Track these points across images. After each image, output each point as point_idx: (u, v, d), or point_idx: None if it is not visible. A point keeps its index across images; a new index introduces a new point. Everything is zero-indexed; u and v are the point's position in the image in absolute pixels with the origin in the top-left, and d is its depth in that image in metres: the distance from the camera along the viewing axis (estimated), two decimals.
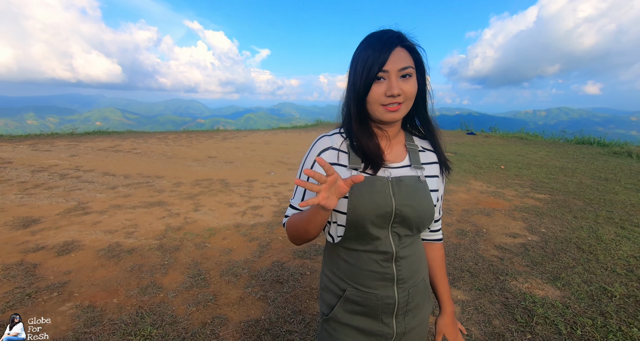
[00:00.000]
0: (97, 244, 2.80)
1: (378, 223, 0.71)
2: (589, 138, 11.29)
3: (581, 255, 2.62)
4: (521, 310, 1.93)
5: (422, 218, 0.72)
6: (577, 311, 1.91)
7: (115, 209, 3.66)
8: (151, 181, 4.92)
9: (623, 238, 2.95)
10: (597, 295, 2.07)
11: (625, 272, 2.35)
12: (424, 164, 0.79)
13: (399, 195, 0.71)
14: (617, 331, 1.72)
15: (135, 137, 9.85)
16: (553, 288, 2.17)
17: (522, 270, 2.42)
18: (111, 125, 73.27)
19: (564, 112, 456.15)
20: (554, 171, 6.17)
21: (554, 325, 1.79)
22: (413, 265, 0.77)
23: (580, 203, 4.05)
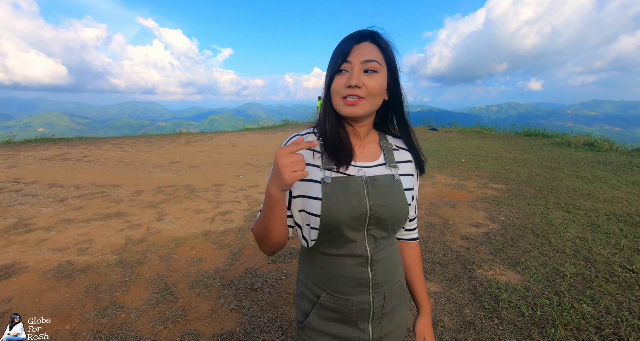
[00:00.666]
0: (44, 265, 2.51)
1: (353, 225, 0.68)
2: (535, 130, 12.36)
3: (536, 240, 2.84)
4: (488, 296, 2.04)
5: (398, 218, 0.71)
6: (536, 293, 2.06)
7: (65, 224, 3.32)
8: (107, 191, 4.54)
9: (569, 221, 3.25)
10: (552, 276, 2.26)
11: (573, 253, 2.58)
12: (399, 162, 0.77)
13: (373, 195, 0.69)
14: (570, 309, 1.88)
15: (87, 143, 9.06)
16: (514, 272, 2.32)
17: (487, 258, 2.57)
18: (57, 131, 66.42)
19: (512, 107, 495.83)
20: (508, 162, 6.65)
21: (517, 308, 1.91)
22: (389, 269, 0.75)
23: (532, 191, 4.40)
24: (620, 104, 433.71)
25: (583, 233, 2.96)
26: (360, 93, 0.66)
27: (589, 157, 6.93)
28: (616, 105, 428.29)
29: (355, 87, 0.65)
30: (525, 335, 1.72)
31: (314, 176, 0.71)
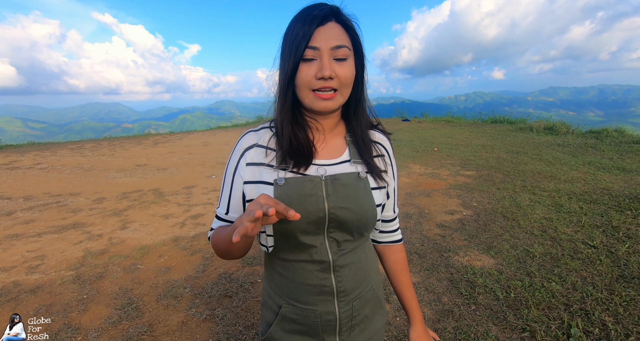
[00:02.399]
0: None
1: (310, 230, 0.61)
2: (500, 117, 12.95)
3: (507, 223, 2.92)
4: (465, 283, 2.06)
5: (363, 221, 0.63)
6: (509, 276, 2.10)
7: (11, 240, 2.99)
8: (63, 200, 4.17)
9: (535, 203, 3.39)
10: (522, 257, 2.32)
11: (541, 233, 2.68)
12: (373, 156, 0.68)
13: (333, 196, 0.61)
14: (541, 288, 1.93)
15: (40, 149, 8.33)
16: (488, 257, 2.37)
17: (462, 244, 2.60)
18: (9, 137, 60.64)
19: (479, 96, 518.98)
20: (478, 149, 6.88)
21: (492, 293, 1.94)
22: (357, 274, 0.67)
23: (500, 176, 4.57)
24: (574, 90, 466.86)
25: (548, 213, 3.09)
26: (333, 85, 0.58)
27: (550, 141, 7.32)
28: (570, 91, 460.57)
29: (329, 78, 0.57)
30: (501, 318, 1.74)
31: (267, 177, 0.62)
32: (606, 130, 7.79)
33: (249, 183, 0.64)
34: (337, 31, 0.58)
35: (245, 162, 0.65)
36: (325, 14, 0.57)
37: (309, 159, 0.63)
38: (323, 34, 0.57)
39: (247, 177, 0.64)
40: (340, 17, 0.59)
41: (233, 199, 0.67)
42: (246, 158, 0.65)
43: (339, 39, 0.57)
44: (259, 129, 0.68)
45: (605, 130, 7.80)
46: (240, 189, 0.66)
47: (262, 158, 0.64)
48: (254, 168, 0.64)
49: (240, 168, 0.65)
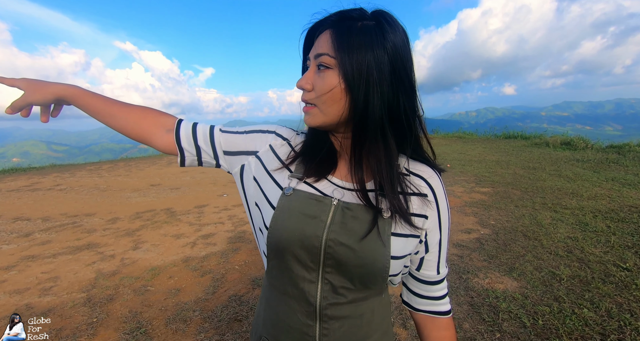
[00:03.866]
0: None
1: (303, 259, 0.51)
2: (514, 132, 12.76)
3: (528, 243, 2.78)
4: (487, 307, 1.93)
5: (367, 269, 0.50)
6: (535, 300, 1.96)
7: (27, 261, 3.03)
8: (78, 221, 4.25)
9: (558, 221, 3.23)
10: (548, 280, 2.18)
11: (567, 254, 2.53)
12: (404, 193, 0.53)
13: (338, 227, 0.50)
14: (572, 315, 1.79)
15: (60, 171, 8.64)
16: (510, 279, 2.23)
17: (481, 265, 2.48)
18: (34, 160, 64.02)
19: (490, 111, 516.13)
20: (492, 165, 6.73)
21: (518, 319, 1.80)
22: (352, 332, 0.54)
23: (518, 193, 4.41)
24: (589, 104, 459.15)
25: (573, 232, 2.93)
26: (307, 98, 0.51)
27: (568, 156, 7.11)
28: (585, 106, 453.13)
29: (304, 90, 0.51)
30: None
31: (280, 180, 0.56)
32: (628, 145, 7.53)
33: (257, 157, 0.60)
34: (325, 38, 0.49)
35: (269, 143, 0.60)
36: (321, 19, 0.51)
37: (321, 170, 0.55)
38: (317, 42, 0.50)
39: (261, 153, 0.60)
40: (335, 23, 0.49)
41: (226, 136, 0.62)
42: (271, 141, 0.61)
43: (324, 46, 0.49)
44: (299, 132, 0.63)
45: (627, 145, 7.54)
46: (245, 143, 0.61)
47: (283, 154, 0.59)
48: (270, 155, 0.59)
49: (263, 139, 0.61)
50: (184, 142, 0.62)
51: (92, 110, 0.62)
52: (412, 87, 0.51)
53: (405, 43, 0.49)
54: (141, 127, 0.62)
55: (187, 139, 0.62)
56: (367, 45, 0.46)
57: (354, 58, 0.46)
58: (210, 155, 0.63)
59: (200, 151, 0.63)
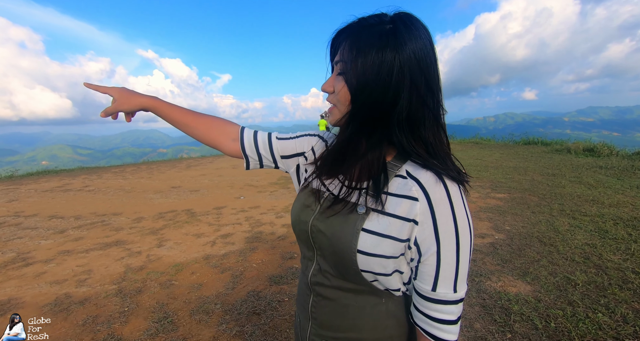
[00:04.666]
0: (41, 299, 2.45)
1: (302, 239, 0.63)
2: (534, 138, 12.43)
3: (544, 248, 2.77)
4: (498, 309, 1.96)
5: (338, 257, 0.55)
6: (548, 304, 1.98)
7: (64, 255, 3.27)
8: (107, 219, 4.52)
9: (576, 227, 3.18)
10: (563, 285, 2.18)
11: (583, 260, 2.51)
12: (391, 195, 0.53)
13: (320, 216, 0.58)
14: (586, 319, 1.80)
15: (88, 173, 9.13)
16: (524, 283, 2.25)
17: (494, 269, 2.49)
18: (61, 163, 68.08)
19: (509, 117, 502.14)
20: (509, 171, 6.63)
21: (530, 321, 1.83)
22: (337, 318, 0.60)
23: (535, 199, 4.35)
24: (616, 110, 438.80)
25: (591, 239, 2.89)
26: (331, 100, 0.57)
27: (590, 163, 6.90)
28: (612, 111, 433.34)
29: (327, 93, 0.57)
30: None
31: (308, 176, 0.67)
32: None
33: (304, 157, 0.71)
34: (343, 45, 0.52)
35: (312, 145, 0.71)
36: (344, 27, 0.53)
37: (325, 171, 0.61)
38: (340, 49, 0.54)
39: (307, 153, 0.71)
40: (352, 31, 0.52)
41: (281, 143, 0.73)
42: (314, 143, 0.71)
43: (341, 53, 0.53)
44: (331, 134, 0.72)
45: None
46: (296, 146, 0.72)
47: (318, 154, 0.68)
48: (311, 155, 0.70)
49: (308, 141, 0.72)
50: (247, 150, 0.74)
51: (170, 119, 0.75)
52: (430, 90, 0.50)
53: (426, 45, 0.49)
54: (210, 136, 0.75)
55: (250, 148, 0.74)
56: (372, 49, 0.48)
57: (357, 62, 0.49)
58: (270, 159, 0.75)
59: (261, 157, 0.74)
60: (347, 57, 0.51)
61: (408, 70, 0.48)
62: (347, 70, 0.51)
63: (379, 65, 0.48)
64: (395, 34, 0.47)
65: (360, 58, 0.48)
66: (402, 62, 0.47)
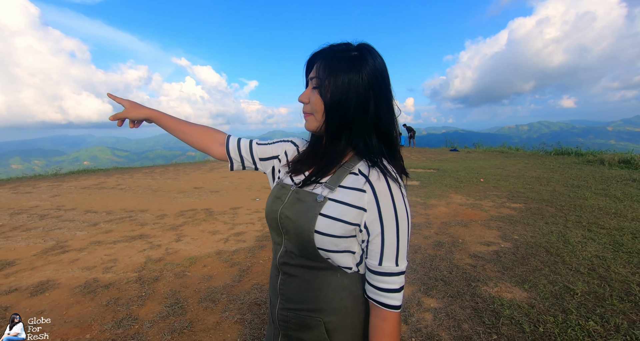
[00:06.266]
0: (73, 282, 2.77)
1: (273, 226, 0.73)
2: (567, 149, 11.81)
3: (549, 258, 2.72)
4: (489, 312, 1.99)
5: (300, 237, 0.66)
6: (541, 310, 1.98)
7: (95, 245, 3.63)
8: (134, 215, 4.92)
9: (589, 240, 3.08)
10: (561, 293, 2.16)
11: (588, 271, 2.45)
12: (343, 187, 0.66)
13: (287, 205, 0.70)
14: (576, 326, 1.79)
15: (121, 173, 9.86)
16: (520, 290, 2.24)
17: (493, 275, 2.50)
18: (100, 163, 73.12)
19: (545, 126, 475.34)
20: (531, 181, 6.40)
21: (518, 325, 1.85)
22: (300, 293, 0.72)
23: (552, 210, 4.22)
24: None
25: (603, 251, 2.79)
26: (306, 110, 0.69)
27: (623, 175, 6.52)
28: None
29: (303, 103, 0.69)
30: None
31: (281, 175, 0.81)
32: None
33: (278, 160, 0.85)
34: (317, 65, 0.66)
35: (285, 149, 0.85)
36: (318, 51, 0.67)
37: (302, 169, 0.75)
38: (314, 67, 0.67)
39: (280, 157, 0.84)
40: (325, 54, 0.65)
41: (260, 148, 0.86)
42: (287, 147, 0.85)
43: (316, 70, 0.65)
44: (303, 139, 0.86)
45: None
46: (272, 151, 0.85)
47: (292, 154, 0.82)
48: (284, 158, 0.83)
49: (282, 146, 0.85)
50: (231, 153, 0.88)
51: (169, 128, 0.91)
52: (387, 100, 0.65)
53: (383, 67, 0.65)
54: (202, 142, 0.90)
55: (234, 151, 0.88)
56: (342, 70, 0.61)
57: (330, 80, 0.62)
58: (250, 161, 0.88)
59: (243, 159, 0.88)
60: (322, 75, 0.63)
61: (371, 86, 0.63)
62: (321, 86, 0.63)
63: (348, 83, 0.61)
64: (361, 59, 0.62)
65: (332, 77, 0.62)
66: (368, 79, 0.62)
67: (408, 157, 11.84)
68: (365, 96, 0.63)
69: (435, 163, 10.14)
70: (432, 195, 5.46)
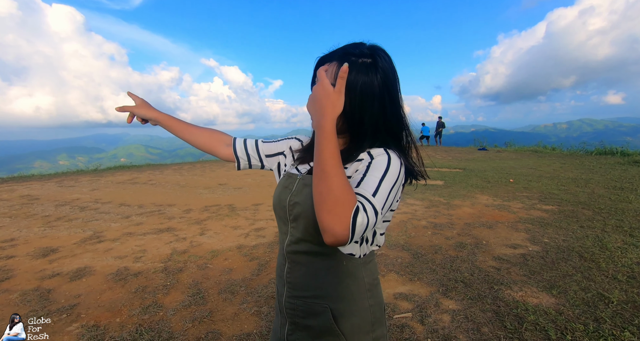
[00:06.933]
0: (107, 269, 2.97)
1: (281, 216, 0.76)
2: (612, 148, 10.89)
3: (582, 264, 2.54)
4: (512, 317, 1.90)
5: (309, 219, 0.68)
6: (570, 318, 1.85)
7: (127, 236, 3.87)
8: (163, 209, 5.18)
9: (630, 245, 2.84)
10: (594, 301, 2.01)
11: (627, 279, 2.26)
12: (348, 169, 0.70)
13: (296, 191, 0.73)
14: (609, 336, 1.66)
15: (153, 169, 10.41)
16: (548, 296, 2.12)
17: (518, 279, 2.38)
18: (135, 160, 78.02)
19: (587, 124, 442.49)
20: (566, 182, 6.00)
21: (544, 331, 1.74)
22: (307, 278, 0.73)
23: (589, 213, 3.92)
24: None
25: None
26: None
27: None
28: None
29: None
30: None
31: (287, 167, 0.85)
32: None
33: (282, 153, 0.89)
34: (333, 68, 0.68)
35: (290, 145, 0.89)
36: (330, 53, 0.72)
37: (302, 159, 0.80)
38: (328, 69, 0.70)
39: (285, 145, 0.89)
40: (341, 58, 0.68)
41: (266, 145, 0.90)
42: (291, 144, 0.89)
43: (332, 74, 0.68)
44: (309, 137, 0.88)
45: None
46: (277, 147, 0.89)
47: (296, 152, 0.85)
48: (289, 153, 0.87)
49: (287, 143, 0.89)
50: (238, 152, 0.90)
51: (175, 130, 0.94)
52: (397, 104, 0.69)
53: (393, 69, 0.69)
54: (208, 143, 0.92)
55: (240, 150, 0.90)
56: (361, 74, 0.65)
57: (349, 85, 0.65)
58: (257, 158, 0.90)
59: (249, 157, 0.90)
60: None
61: (384, 89, 0.67)
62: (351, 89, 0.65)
63: (365, 87, 0.65)
64: (375, 63, 0.66)
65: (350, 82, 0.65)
66: (382, 82, 0.66)
67: (433, 156, 11.49)
68: (380, 99, 0.67)
69: (462, 162, 9.76)
70: (457, 195, 5.27)
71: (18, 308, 2.31)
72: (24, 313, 2.24)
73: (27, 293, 2.53)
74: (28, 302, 2.40)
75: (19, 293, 2.52)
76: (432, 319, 1.95)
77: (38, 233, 4.05)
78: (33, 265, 3.08)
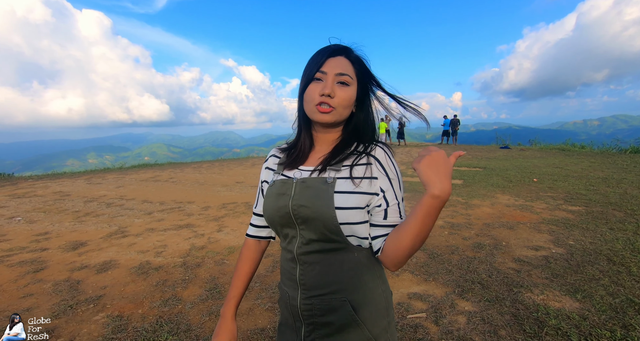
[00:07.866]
0: (130, 263, 3.12)
1: (284, 222, 0.73)
2: None
3: (610, 267, 2.41)
4: (532, 320, 1.83)
5: (321, 220, 0.68)
6: (596, 323, 1.76)
7: (149, 232, 4.04)
8: (183, 206, 5.36)
9: None
10: (622, 307, 1.90)
11: None
12: (347, 166, 0.73)
13: (297, 196, 0.71)
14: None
15: (174, 167, 10.76)
16: (572, 300, 2.02)
17: (540, 282, 2.28)
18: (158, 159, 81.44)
19: (621, 120, 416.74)
20: (595, 182, 5.69)
21: (566, 336, 1.67)
22: (322, 277, 0.72)
23: (620, 215, 3.71)
24: None
25: None
26: (331, 103, 0.70)
27: None
28: None
29: (328, 96, 0.70)
30: None
31: (269, 178, 0.82)
32: None
33: (263, 182, 0.87)
34: (343, 63, 0.72)
35: (265, 166, 0.87)
36: (336, 49, 0.73)
37: (295, 163, 0.78)
38: (332, 63, 0.72)
39: (263, 177, 0.86)
40: (348, 54, 0.74)
41: (259, 194, 0.87)
42: (267, 164, 0.87)
43: (344, 68, 0.72)
44: (282, 145, 0.87)
45: None
46: (262, 188, 0.87)
47: (273, 165, 0.83)
48: (268, 171, 0.85)
49: (262, 171, 0.87)
50: (263, 234, 0.89)
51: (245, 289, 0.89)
52: None
53: None
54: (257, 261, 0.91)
55: (258, 233, 0.89)
56: (366, 68, 0.77)
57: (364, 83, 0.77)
58: None
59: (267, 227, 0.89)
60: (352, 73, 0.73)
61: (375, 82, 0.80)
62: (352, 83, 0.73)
63: (370, 80, 0.78)
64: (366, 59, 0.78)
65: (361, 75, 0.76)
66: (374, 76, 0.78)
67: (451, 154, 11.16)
68: (374, 91, 0.79)
69: (482, 161, 9.46)
70: (476, 195, 5.12)
71: (51, 297, 2.47)
72: (56, 302, 2.39)
73: (59, 284, 2.69)
74: (60, 292, 2.55)
75: (52, 283, 2.69)
76: (447, 320, 1.91)
77: (69, 227, 4.29)
78: (64, 258, 3.28)
